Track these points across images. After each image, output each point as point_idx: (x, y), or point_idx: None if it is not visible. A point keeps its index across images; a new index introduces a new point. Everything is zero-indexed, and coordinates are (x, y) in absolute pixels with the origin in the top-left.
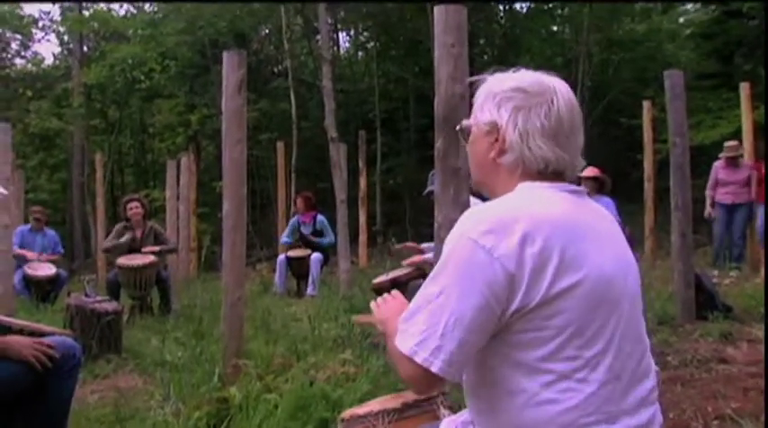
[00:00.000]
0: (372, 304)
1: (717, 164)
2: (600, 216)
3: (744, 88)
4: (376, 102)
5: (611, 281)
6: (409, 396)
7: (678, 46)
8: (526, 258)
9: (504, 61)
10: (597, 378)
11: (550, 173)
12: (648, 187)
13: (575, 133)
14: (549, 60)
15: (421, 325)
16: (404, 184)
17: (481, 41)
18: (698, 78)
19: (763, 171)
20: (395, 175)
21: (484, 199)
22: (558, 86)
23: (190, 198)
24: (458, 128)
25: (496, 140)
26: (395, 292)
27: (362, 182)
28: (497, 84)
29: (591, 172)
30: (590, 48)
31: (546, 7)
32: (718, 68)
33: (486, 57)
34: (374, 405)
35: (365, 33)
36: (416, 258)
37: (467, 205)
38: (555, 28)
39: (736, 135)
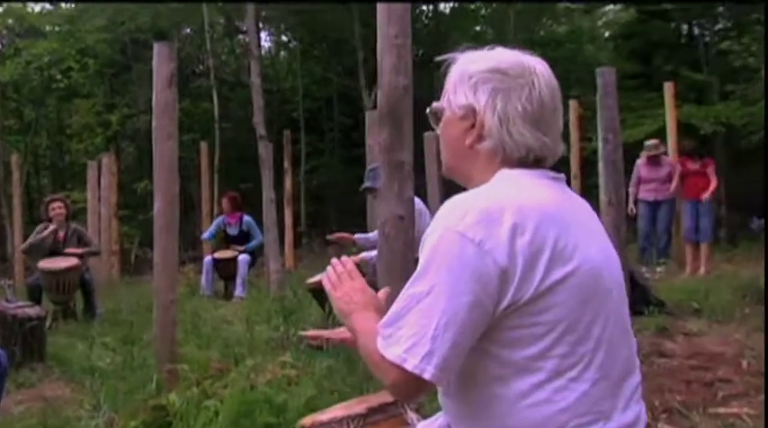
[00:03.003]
0: (324, 280)
1: (639, 162)
2: (581, 205)
3: (668, 88)
4: (300, 102)
5: (600, 273)
6: (374, 399)
7: (598, 47)
8: (517, 250)
9: (432, 59)
10: (590, 376)
11: (531, 161)
12: (575, 184)
13: (556, 116)
14: None
15: (409, 329)
16: (327, 184)
17: None
18: (621, 78)
19: (689, 167)
20: (318, 175)
21: (430, 199)
22: (537, 67)
23: (111, 200)
24: (428, 111)
25: (473, 126)
26: (349, 265)
27: (288, 182)
28: (472, 65)
29: None
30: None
31: (471, 8)
32: (638, 69)
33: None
34: (337, 411)
35: (288, 32)
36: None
37: (411, 201)
38: (478, 28)
39: (660, 133)
